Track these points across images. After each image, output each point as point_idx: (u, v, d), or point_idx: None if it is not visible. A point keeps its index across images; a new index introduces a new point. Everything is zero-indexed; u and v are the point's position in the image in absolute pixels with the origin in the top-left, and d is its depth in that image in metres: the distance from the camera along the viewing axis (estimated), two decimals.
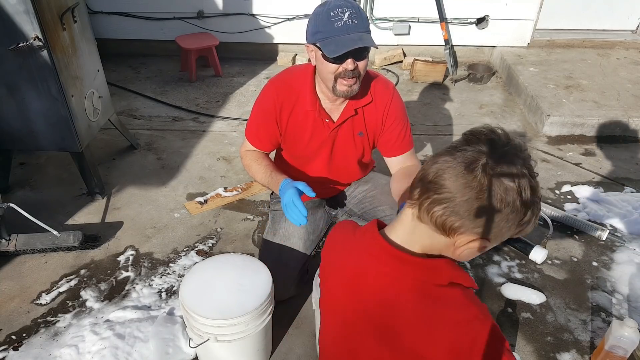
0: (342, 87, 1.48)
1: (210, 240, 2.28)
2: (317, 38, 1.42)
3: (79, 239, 2.14)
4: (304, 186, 1.45)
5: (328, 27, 1.38)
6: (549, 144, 3.15)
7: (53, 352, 1.72)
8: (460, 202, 0.73)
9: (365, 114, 1.65)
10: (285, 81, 1.64)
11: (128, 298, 1.95)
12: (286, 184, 1.52)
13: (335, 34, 1.38)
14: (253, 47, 4.34)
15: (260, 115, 1.67)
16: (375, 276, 0.85)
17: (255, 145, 1.73)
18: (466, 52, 4.37)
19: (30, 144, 2.33)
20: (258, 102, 1.68)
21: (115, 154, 2.94)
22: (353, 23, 1.39)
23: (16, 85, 2.12)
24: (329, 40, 1.39)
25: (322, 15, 1.40)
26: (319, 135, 1.67)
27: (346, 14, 1.38)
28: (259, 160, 1.70)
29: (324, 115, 1.62)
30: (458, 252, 0.80)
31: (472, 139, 0.76)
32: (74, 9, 2.24)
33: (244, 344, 1.51)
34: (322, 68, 1.48)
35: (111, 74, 3.92)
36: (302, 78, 1.61)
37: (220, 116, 3.42)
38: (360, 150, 1.75)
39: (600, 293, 2.02)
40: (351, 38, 1.38)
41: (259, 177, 1.68)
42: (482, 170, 0.72)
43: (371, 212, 1.82)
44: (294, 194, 1.44)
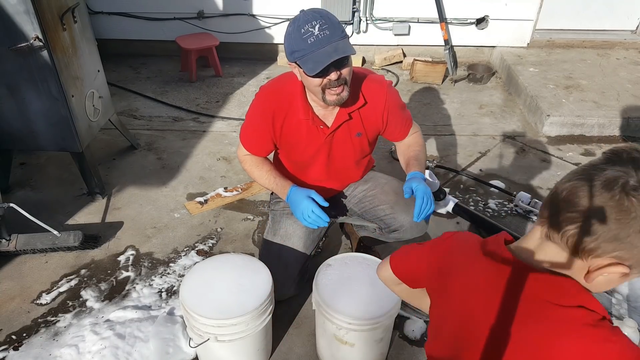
0: (331, 97, 1.49)
1: (210, 240, 2.28)
2: (295, 57, 1.42)
3: (79, 239, 2.14)
4: (316, 195, 1.54)
5: (302, 44, 1.38)
6: (549, 144, 3.15)
7: (53, 352, 1.72)
8: (596, 222, 0.68)
9: (362, 115, 1.65)
10: (277, 90, 1.64)
11: (128, 298, 1.95)
12: (295, 191, 1.58)
13: (311, 50, 1.38)
14: (253, 48, 4.34)
15: (252, 124, 1.69)
16: (497, 290, 0.80)
17: (250, 152, 1.74)
18: (466, 52, 4.37)
19: (30, 144, 2.34)
20: (250, 111, 1.69)
21: (116, 154, 2.95)
22: (325, 35, 1.38)
23: (16, 86, 2.13)
24: (306, 58, 1.39)
25: (294, 34, 1.40)
26: (315, 142, 1.67)
27: (316, 28, 1.37)
28: (259, 166, 1.72)
29: (317, 122, 1.62)
30: (591, 278, 0.72)
31: (613, 158, 0.71)
32: (74, 9, 2.24)
33: (244, 344, 1.51)
34: (307, 83, 1.49)
35: (111, 74, 3.92)
36: (293, 86, 1.60)
37: (221, 116, 3.43)
38: (358, 151, 1.75)
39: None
40: (326, 52, 1.37)
41: (261, 182, 1.72)
42: (622, 190, 0.66)
43: (371, 211, 1.82)
44: (311, 204, 1.53)
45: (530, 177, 2.80)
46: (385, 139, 1.80)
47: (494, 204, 2.56)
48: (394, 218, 1.75)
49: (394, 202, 1.75)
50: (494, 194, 2.64)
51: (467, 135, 3.25)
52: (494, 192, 2.65)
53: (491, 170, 2.86)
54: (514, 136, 3.24)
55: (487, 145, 3.13)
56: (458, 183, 2.74)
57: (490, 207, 2.54)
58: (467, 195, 2.62)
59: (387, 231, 1.82)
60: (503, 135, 3.25)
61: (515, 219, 2.46)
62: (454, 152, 3.05)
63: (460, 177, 2.78)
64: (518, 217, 2.47)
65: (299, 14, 1.41)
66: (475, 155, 3.02)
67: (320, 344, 1.68)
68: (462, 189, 2.68)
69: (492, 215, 2.48)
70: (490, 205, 2.55)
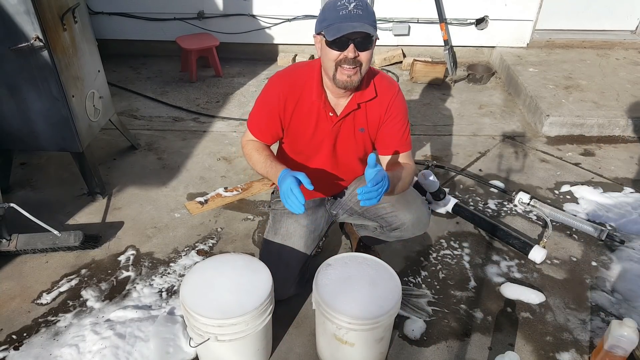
0: (341, 77, 1.50)
1: (210, 240, 2.29)
2: (323, 26, 1.46)
3: (80, 238, 2.14)
4: (303, 177, 1.45)
5: (333, 14, 1.43)
6: (548, 144, 3.16)
7: (54, 352, 1.72)
8: None
9: (368, 109, 1.66)
10: (291, 75, 1.66)
11: (129, 298, 1.96)
12: (285, 173, 1.51)
13: (339, 20, 1.42)
14: (253, 48, 4.35)
15: (263, 108, 1.69)
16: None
17: (256, 137, 1.73)
18: (466, 52, 4.38)
19: (31, 144, 2.34)
20: (262, 95, 1.69)
21: (116, 154, 2.95)
22: (357, 13, 1.43)
23: (17, 86, 2.13)
24: (332, 26, 1.43)
25: (329, 5, 1.45)
26: (322, 129, 1.68)
27: (352, 5, 1.42)
28: (259, 150, 1.69)
29: (328, 108, 1.63)
30: None
31: None
32: (74, 10, 2.25)
33: (244, 344, 1.51)
34: (324, 55, 1.51)
35: (112, 74, 3.93)
36: (309, 72, 1.63)
37: (221, 116, 3.43)
38: (361, 147, 1.76)
39: (599, 293, 2.03)
40: (352, 25, 1.42)
41: (258, 167, 1.67)
42: None
43: (372, 209, 1.82)
44: (292, 182, 1.44)
45: (530, 177, 2.80)
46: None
47: (494, 204, 2.56)
48: (395, 216, 1.75)
49: (395, 200, 1.75)
50: (494, 194, 2.64)
51: (466, 135, 3.25)
52: (494, 192, 2.65)
53: (491, 170, 2.87)
54: (513, 136, 3.24)
55: (487, 145, 3.14)
56: (458, 183, 2.74)
57: (490, 207, 2.54)
58: (467, 195, 2.63)
59: (388, 229, 1.82)
60: (503, 135, 3.25)
61: (514, 219, 2.46)
62: (454, 152, 3.06)
63: (460, 177, 2.79)
64: (518, 217, 2.47)
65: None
66: (475, 155, 3.02)
67: (320, 344, 1.69)
68: (462, 189, 2.69)
69: (491, 215, 2.48)
70: (490, 205, 2.55)
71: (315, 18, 4.54)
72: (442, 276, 2.10)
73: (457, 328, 1.86)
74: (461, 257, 2.21)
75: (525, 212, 2.50)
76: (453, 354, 1.76)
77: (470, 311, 1.93)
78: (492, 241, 2.30)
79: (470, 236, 2.34)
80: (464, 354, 1.76)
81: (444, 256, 2.21)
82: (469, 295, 2.01)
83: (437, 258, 2.20)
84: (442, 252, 2.23)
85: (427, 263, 2.17)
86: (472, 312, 1.93)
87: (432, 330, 1.84)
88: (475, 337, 1.82)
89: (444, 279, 2.09)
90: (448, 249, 2.25)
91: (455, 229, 2.38)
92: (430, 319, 1.89)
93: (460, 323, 1.88)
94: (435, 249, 2.25)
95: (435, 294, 2.01)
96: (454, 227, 2.40)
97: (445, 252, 2.23)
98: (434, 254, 2.22)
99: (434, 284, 2.06)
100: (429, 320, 1.88)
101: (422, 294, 2.00)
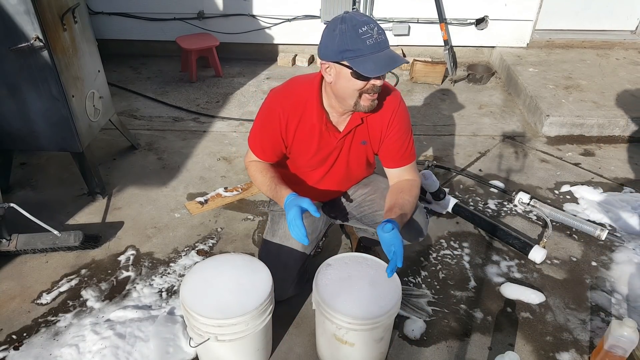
0: (366, 103, 1.47)
1: (210, 240, 2.29)
2: (347, 56, 1.36)
3: (80, 238, 2.14)
4: (308, 204, 1.46)
5: (359, 44, 1.33)
6: (548, 144, 3.16)
7: (54, 352, 1.72)
8: None
9: (369, 122, 1.63)
10: (292, 94, 1.60)
11: (129, 298, 1.96)
12: (290, 200, 1.52)
13: (369, 51, 1.34)
14: (253, 48, 4.35)
15: (264, 129, 1.64)
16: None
17: (259, 157, 1.70)
18: (466, 52, 4.38)
19: (31, 144, 2.34)
20: (262, 114, 1.64)
21: (116, 154, 2.95)
22: (382, 39, 1.37)
23: (17, 86, 2.13)
24: (363, 58, 1.35)
25: (349, 33, 1.33)
26: (326, 147, 1.66)
27: (374, 30, 1.35)
28: (263, 172, 1.67)
29: (330, 127, 1.61)
30: None
31: None
32: (74, 10, 2.25)
33: (244, 344, 1.52)
34: (347, 85, 1.43)
35: (112, 75, 3.93)
36: (309, 91, 1.57)
37: (221, 116, 3.43)
38: (363, 158, 1.74)
39: (599, 293, 2.03)
40: (388, 55, 1.36)
41: (263, 189, 1.67)
42: None
43: (370, 216, 1.82)
44: (296, 213, 1.45)
45: (530, 177, 2.80)
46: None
47: (494, 204, 2.56)
48: None
49: None
50: (494, 194, 2.64)
51: (466, 135, 3.25)
52: (494, 192, 2.65)
53: (491, 170, 2.87)
54: (513, 136, 3.24)
55: (487, 145, 3.14)
56: (458, 183, 2.74)
57: (490, 207, 2.54)
58: (467, 195, 2.63)
59: None
60: (503, 135, 3.25)
61: (514, 219, 2.46)
62: (454, 152, 3.06)
63: (460, 177, 2.79)
64: (518, 217, 2.47)
65: (346, 14, 1.37)
66: (475, 155, 3.02)
67: (320, 344, 1.69)
68: (462, 189, 2.69)
69: (491, 215, 2.48)
70: (489, 205, 2.55)
71: (315, 18, 4.54)
72: (442, 276, 2.10)
73: (457, 328, 1.86)
74: (461, 257, 2.21)
75: (525, 212, 2.50)
76: (453, 354, 1.76)
77: (470, 311, 1.93)
78: (492, 241, 2.30)
79: (470, 236, 2.34)
80: (464, 354, 1.76)
81: (444, 256, 2.21)
82: (469, 295, 2.01)
83: (437, 258, 2.20)
84: (442, 252, 2.23)
85: (427, 263, 2.17)
86: (472, 312, 1.93)
87: (432, 330, 1.84)
88: (475, 337, 1.82)
89: (444, 279, 2.09)
90: (448, 249, 2.25)
91: (455, 229, 2.38)
92: (430, 319, 1.89)
93: (460, 323, 1.88)
94: (435, 249, 2.25)
95: (435, 294, 2.01)
96: (454, 227, 2.40)
97: (445, 252, 2.23)
98: (434, 254, 2.22)
99: (434, 284, 2.06)
100: (429, 320, 1.88)
101: (422, 294, 2.00)
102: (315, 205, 1.50)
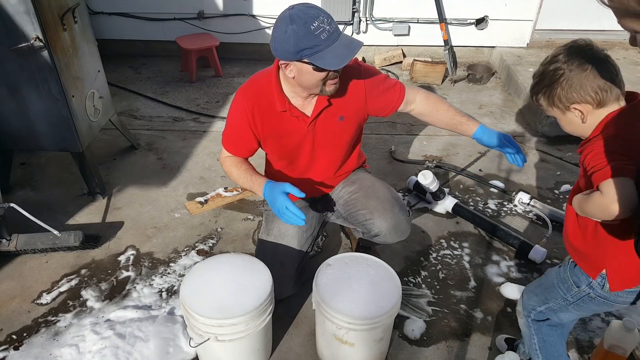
0: (330, 87, 1.51)
1: (210, 240, 2.29)
2: (305, 54, 1.38)
3: (80, 238, 2.14)
4: (290, 187, 1.48)
5: (314, 40, 1.35)
6: (548, 144, 3.16)
7: (54, 352, 1.72)
8: None
9: (342, 98, 1.63)
10: (253, 87, 1.64)
11: (129, 298, 1.96)
12: (270, 188, 1.53)
13: (326, 44, 1.36)
14: (253, 48, 4.35)
15: (233, 124, 1.69)
16: None
17: (232, 153, 1.74)
18: (466, 52, 4.38)
19: (31, 144, 2.34)
20: (230, 112, 1.69)
21: (116, 154, 2.95)
22: (334, 28, 1.39)
23: (17, 86, 2.13)
24: (322, 53, 1.37)
25: (301, 32, 1.34)
26: (297, 133, 1.67)
27: (325, 22, 1.36)
28: (238, 166, 1.71)
29: (295, 112, 1.62)
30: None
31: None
32: (74, 10, 2.25)
33: (244, 344, 1.52)
34: (310, 79, 1.46)
35: (112, 75, 3.93)
36: (267, 80, 1.60)
37: (221, 116, 3.43)
38: (345, 137, 1.74)
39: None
40: (343, 44, 1.38)
41: (241, 182, 1.70)
42: None
43: (354, 215, 1.81)
44: (284, 199, 1.47)
45: (530, 177, 2.80)
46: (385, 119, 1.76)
47: (494, 204, 2.56)
48: (372, 224, 1.74)
49: (373, 208, 1.74)
50: (494, 194, 2.65)
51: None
52: (494, 192, 2.65)
53: (491, 170, 2.87)
54: (513, 136, 3.24)
55: None
56: (458, 183, 2.74)
57: (490, 207, 2.54)
58: (467, 195, 2.63)
59: (368, 236, 1.82)
60: None
61: (514, 219, 2.46)
62: (454, 152, 3.06)
63: (460, 177, 2.79)
64: (518, 217, 2.47)
65: (292, 11, 1.37)
66: (475, 155, 3.02)
67: (320, 344, 1.69)
68: (462, 189, 2.69)
69: (491, 215, 2.48)
70: (489, 205, 2.55)
71: None
72: (442, 276, 2.10)
73: (457, 328, 1.86)
74: (461, 257, 2.21)
75: (525, 212, 2.50)
76: (453, 354, 1.76)
77: (470, 311, 1.93)
78: (492, 241, 2.30)
79: (470, 236, 2.34)
80: (464, 354, 1.76)
81: (444, 256, 2.21)
82: (469, 295, 2.01)
83: (437, 258, 2.20)
84: (442, 252, 2.23)
85: (427, 263, 2.17)
86: (472, 312, 1.93)
87: (432, 330, 1.84)
88: (475, 337, 1.82)
89: (444, 279, 2.09)
90: (448, 249, 2.25)
91: (455, 229, 2.38)
92: (430, 319, 1.89)
93: (460, 323, 1.88)
94: (435, 249, 2.25)
95: (435, 294, 2.01)
96: (454, 227, 2.40)
97: (445, 252, 2.23)
98: (434, 254, 2.22)
99: (434, 284, 2.06)
100: (429, 320, 1.88)
101: (422, 294, 2.00)
102: (307, 200, 1.51)
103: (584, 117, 1.13)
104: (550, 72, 1.18)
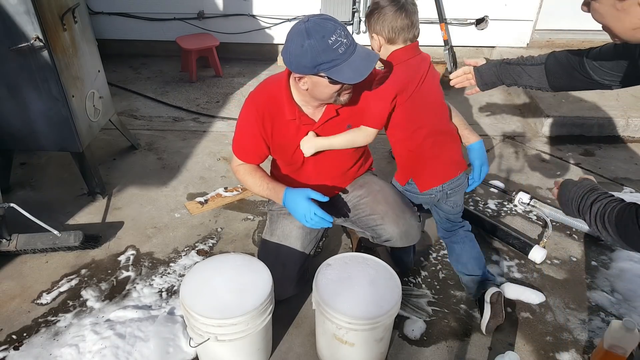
0: (344, 97, 1.51)
1: (210, 240, 2.29)
2: (322, 68, 1.36)
3: (80, 238, 2.14)
4: (313, 193, 1.51)
5: (332, 55, 1.33)
6: (549, 144, 3.16)
7: (54, 352, 1.72)
8: None
9: (349, 107, 1.62)
10: (263, 93, 1.64)
11: (129, 298, 1.96)
12: (292, 195, 1.55)
13: (344, 58, 1.35)
14: (253, 48, 4.35)
15: (244, 131, 1.68)
16: None
17: (244, 160, 1.73)
18: (465, 52, 4.38)
19: (31, 144, 2.34)
20: (241, 118, 1.69)
21: (116, 154, 2.95)
22: (350, 40, 1.37)
23: (17, 86, 2.13)
24: (340, 67, 1.35)
25: (319, 46, 1.33)
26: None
27: (343, 35, 1.35)
28: (252, 173, 1.71)
29: (305, 120, 1.62)
30: None
31: None
32: (74, 10, 2.25)
33: (244, 344, 1.52)
34: (324, 91, 1.45)
35: (112, 75, 3.93)
36: (278, 88, 1.59)
37: (221, 116, 3.43)
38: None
39: (599, 293, 2.03)
40: (361, 57, 1.37)
41: (256, 190, 1.71)
42: None
43: (363, 219, 1.80)
44: (310, 206, 1.50)
45: (530, 177, 2.80)
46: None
47: (494, 204, 2.56)
48: (383, 229, 1.73)
49: (384, 213, 1.72)
50: (494, 194, 2.65)
51: None
52: (494, 192, 2.65)
53: (491, 170, 2.87)
54: (513, 136, 3.24)
55: (487, 145, 3.14)
56: None
57: (490, 207, 2.54)
58: (467, 195, 2.63)
59: (378, 241, 1.81)
60: (503, 135, 3.25)
61: (514, 219, 2.46)
62: None
63: None
64: (518, 217, 2.47)
65: (309, 24, 1.34)
66: None
67: (320, 344, 1.69)
68: None
69: (491, 215, 2.48)
70: (490, 205, 2.55)
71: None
72: (442, 276, 2.10)
73: (457, 328, 1.86)
74: None
75: (525, 212, 2.50)
76: (453, 354, 1.76)
77: (470, 311, 1.93)
78: (492, 241, 2.30)
79: None
80: (464, 354, 1.76)
81: (444, 256, 2.21)
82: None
83: (437, 258, 2.20)
84: (442, 252, 2.23)
85: (427, 263, 2.17)
86: (472, 312, 1.93)
87: (432, 330, 1.84)
88: (475, 337, 1.82)
89: (444, 279, 2.09)
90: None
91: None
92: (430, 319, 1.89)
93: (460, 323, 1.88)
94: (435, 249, 2.25)
95: (435, 294, 2.01)
96: None
97: (445, 252, 2.23)
98: (434, 254, 2.22)
99: (434, 284, 2.06)
100: (429, 320, 1.88)
101: (422, 294, 2.00)
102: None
103: (379, 46, 1.55)
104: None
